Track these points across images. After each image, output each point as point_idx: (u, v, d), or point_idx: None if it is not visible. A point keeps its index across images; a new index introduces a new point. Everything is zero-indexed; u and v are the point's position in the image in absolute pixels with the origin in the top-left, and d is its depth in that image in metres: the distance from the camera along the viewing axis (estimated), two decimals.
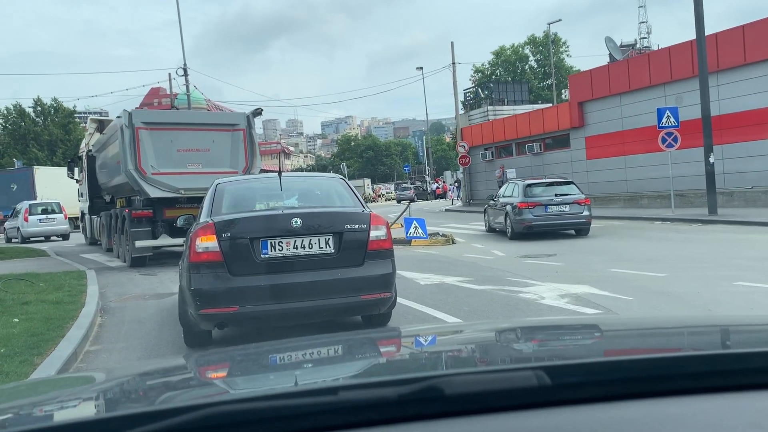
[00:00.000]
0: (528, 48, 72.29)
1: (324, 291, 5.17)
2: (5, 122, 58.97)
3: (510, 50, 71.79)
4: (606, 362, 1.20)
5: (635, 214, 19.53)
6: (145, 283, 10.75)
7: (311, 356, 1.63)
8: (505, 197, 15.43)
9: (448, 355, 1.58)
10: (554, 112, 27.33)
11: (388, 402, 0.96)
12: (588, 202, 14.27)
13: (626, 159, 23.18)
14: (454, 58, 33.27)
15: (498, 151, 31.26)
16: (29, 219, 24.10)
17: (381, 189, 77.90)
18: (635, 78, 22.37)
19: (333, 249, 5.22)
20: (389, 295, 5.41)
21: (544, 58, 71.17)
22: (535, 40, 72.18)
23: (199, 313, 5.01)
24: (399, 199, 50.64)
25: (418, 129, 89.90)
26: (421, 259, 12.14)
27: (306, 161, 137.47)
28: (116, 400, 1.30)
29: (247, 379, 1.45)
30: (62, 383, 1.78)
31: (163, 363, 2.28)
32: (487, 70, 71.51)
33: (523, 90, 59.72)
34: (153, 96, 58.15)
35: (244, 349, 1.88)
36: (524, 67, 72.17)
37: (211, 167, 12.29)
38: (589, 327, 1.97)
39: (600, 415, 0.96)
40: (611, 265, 9.75)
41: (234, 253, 5.05)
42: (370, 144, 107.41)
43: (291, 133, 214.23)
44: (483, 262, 11.21)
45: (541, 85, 69.95)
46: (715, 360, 1.15)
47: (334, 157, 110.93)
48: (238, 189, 6.08)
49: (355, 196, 5.99)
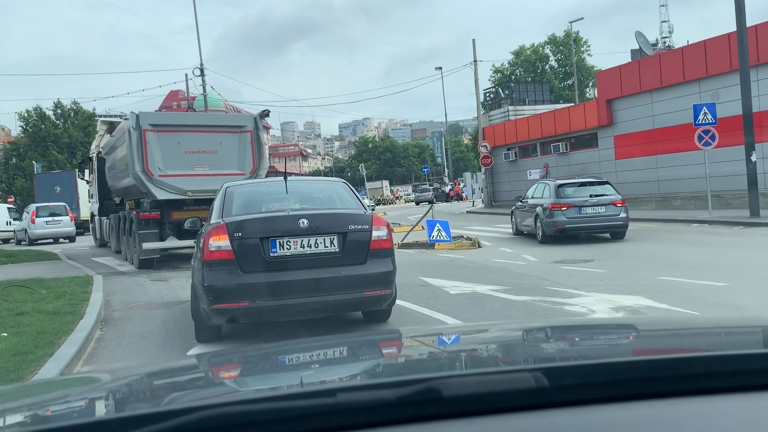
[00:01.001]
0: (548, 48, 71.22)
1: (329, 287, 5.42)
2: (26, 125, 59.25)
3: (530, 50, 70.81)
4: (603, 364, 1.18)
5: (669, 216, 18.55)
6: (154, 290, 10.09)
7: (310, 358, 1.62)
8: (534, 198, 14.55)
9: (447, 357, 1.58)
10: (581, 110, 26.37)
11: (386, 404, 0.96)
12: (625, 204, 13.34)
13: (657, 158, 22.16)
14: (475, 55, 32.40)
15: (521, 151, 30.30)
16: (36, 221, 24.23)
17: (398, 191, 77.02)
18: (668, 74, 21.35)
19: (337, 248, 5.49)
20: (390, 291, 5.70)
21: (565, 58, 70.09)
22: (556, 40, 71.09)
23: (212, 308, 5.27)
24: (418, 200, 49.62)
25: (435, 130, 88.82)
26: (446, 264, 11.35)
27: (324, 163, 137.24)
28: (115, 401, 1.30)
29: (245, 382, 1.46)
30: (65, 384, 1.78)
31: (163, 364, 2.26)
32: (507, 70, 70.52)
33: (544, 90, 58.76)
34: (172, 98, 58.27)
35: (242, 351, 1.96)
36: (544, 66, 71.19)
37: (218, 169, 12.18)
38: (586, 329, 1.97)
39: (598, 417, 0.96)
40: (658, 272, 8.88)
41: (245, 252, 5.32)
42: (388, 146, 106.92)
43: (309, 136, 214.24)
44: (515, 268, 10.38)
45: (562, 85, 68.81)
46: (713, 362, 1.14)
47: (352, 159, 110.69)
48: (247, 192, 6.37)
49: (357, 199, 6.26)
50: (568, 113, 27.02)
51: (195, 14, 28.34)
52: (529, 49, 70.48)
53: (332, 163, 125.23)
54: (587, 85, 61.15)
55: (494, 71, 67.23)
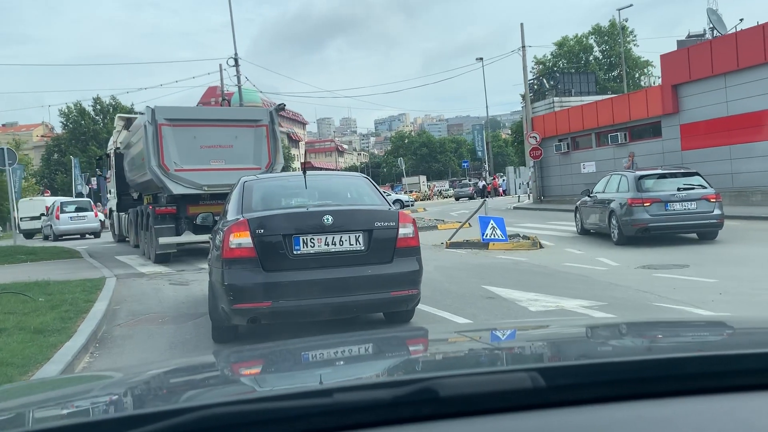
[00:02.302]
0: (592, 38, 68.58)
1: (354, 287, 5.21)
2: (66, 120, 59.60)
3: (573, 40, 68.32)
4: (600, 364, 1.18)
5: (750, 213, 16.42)
6: (171, 297, 8.68)
7: (307, 358, 1.61)
8: (606, 192, 12.64)
9: (443, 357, 1.59)
10: (642, 97, 24.20)
11: (382, 404, 0.96)
12: (719, 199, 11.34)
13: (732, 149, 19.91)
14: (523, 40, 30.24)
15: (574, 142, 28.13)
16: (60, 217, 24.14)
17: (435, 186, 75.25)
18: (746, 54, 19.09)
19: (363, 246, 5.28)
20: (417, 291, 5.52)
21: (610, 48, 67.52)
22: (600, 30, 68.38)
23: (233, 308, 5.05)
24: (457, 196, 47.58)
25: (476, 124, 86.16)
26: (509, 269, 9.66)
27: (359, 159, 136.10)
28: (115, 401, 1.28)
29: (242, 381, 1.45)
30: (65, 383, 1.79)
31: (164, 364, 2.26)
32: (549, 62, 68.16)
33: (590, 81, 56.33)
34: (210, 95, 58.45)
35: (238, 351, 1.99)
36: (588, 58, 68.65)
37: (233, 164, 12.04)
38: (583, 329, 1.96)
39: (594, 417, 0.96)
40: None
41: (267, 250, 5.12)
42: (425, 141, 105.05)
43: (345, 132, 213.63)
44: (597, 275, 8.62)
45: (607, 76, 66.05)
46: (708, 362, 1.13)
47: (388, 155, 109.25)
48: (266, 186, 6.11)
49: (380, 194, 6.05)
50: (627, 100, 24.86)
51: (230, 3, 27.05)
52: (572, 40, 68.16)
53: (368, 159, 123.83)
54: (632, 77, 58.07)
55: (536, 63, 64.82)
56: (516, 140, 63.66)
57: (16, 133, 76.63)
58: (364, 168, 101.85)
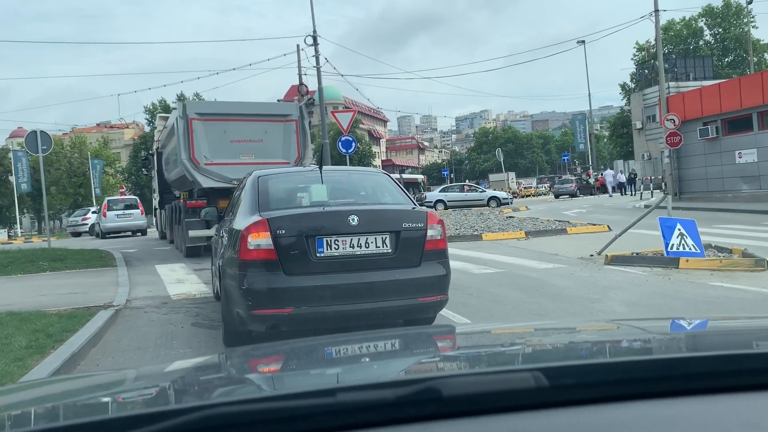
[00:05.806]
0: (702, 21, 61.94)
1: (381, 292, 4.95)
2: (151, 117, 59.97)
3: (680, 24, 61.94)
4: (603, 364, 1.18)
5: None
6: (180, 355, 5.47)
7: (311, 357, 1.61)
8: None
9: (446, 357, 1.57)
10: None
11: (386, 403, 0.96)
12: None
13: None
14: (656, 4, 25.19)
15: (725, 125, 22.79)
16: (107, 215, 23.75)
17: (522, 184, 70.65)
18: None
19: (390, 248, 5.01)
20: (445, 297, 5.30)
21: (724, 31, 60.59)
22: (713, 11, 61.55)
23: (251, 314, 4.80)
24: (557, 193, 42.80)
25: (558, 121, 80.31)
26: None
27: (440, 156, 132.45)
28: (115, 401, 1.28)
29: (246, 381, 1.44)
30: (64, 383, 1.78)
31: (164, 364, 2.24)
32: (652, 48, 61.82)
33: (706, 65, 50.26)
34: (293, 93, 57.82)
35: (241, 350, 1.99)
36: (697, 42, 62.01)
37: (263, 158, 12.18)
38: (587, 329, 1.96)
39: (597, 417, 0.96)
40: None
41: (289, 252, 4.85)
42: (510, 136, 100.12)
43: (425, 129, 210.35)
44: None
45: (720, 62, 59.23)
46: (713, 361, 1.12)
47: (471, 151, 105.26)
48: (281, 182, 5.87)
49: (403, 193, 5.76)
50: None
51: None
52: (679, 23, 61.81)
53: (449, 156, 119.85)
54: (747, 65, 51.06)
55: (638, 49, 59.00)
56: (614, 134, 58.28)
57: (109, 132, 78.76)
58: (445, 165, 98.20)
